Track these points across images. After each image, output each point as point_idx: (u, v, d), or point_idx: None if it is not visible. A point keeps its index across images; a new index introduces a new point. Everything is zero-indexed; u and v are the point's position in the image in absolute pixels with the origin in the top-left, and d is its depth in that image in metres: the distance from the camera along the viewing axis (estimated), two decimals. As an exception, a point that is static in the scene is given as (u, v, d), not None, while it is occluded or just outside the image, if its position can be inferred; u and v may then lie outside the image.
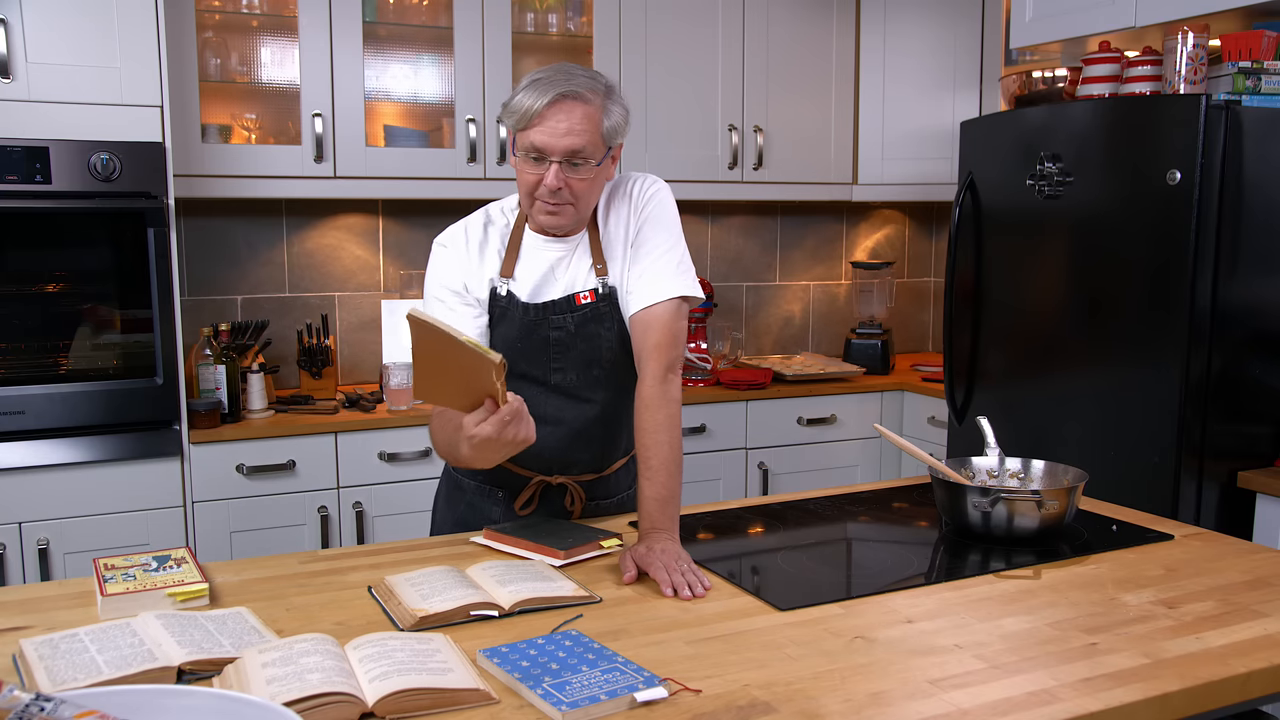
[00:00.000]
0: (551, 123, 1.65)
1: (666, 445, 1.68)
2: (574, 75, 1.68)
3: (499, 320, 1.79)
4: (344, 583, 1.57)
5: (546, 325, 1.78)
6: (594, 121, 1.67)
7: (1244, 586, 1.55)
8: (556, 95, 1.64)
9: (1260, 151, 2.45)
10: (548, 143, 1.65)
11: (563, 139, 1.65)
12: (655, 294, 1.76)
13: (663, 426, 1.70)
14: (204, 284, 3.23)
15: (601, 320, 1.79)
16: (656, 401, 1.71)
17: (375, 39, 3.15)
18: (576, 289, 1.79)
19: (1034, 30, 3.16)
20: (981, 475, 1.94)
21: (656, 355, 1.74)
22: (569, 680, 1.18)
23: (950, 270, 3.07)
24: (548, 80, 1.66)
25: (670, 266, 1.78)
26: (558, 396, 1.82)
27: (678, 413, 1.73)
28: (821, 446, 3.51)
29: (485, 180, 3.19)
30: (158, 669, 1.19)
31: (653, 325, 1.76)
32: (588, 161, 1.68)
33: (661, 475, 1.67)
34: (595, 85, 1.69)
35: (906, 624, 1.40)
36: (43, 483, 2.55)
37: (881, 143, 3.72)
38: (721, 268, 3.94)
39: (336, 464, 2.86)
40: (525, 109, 1.65)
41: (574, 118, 1.65)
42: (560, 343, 1.79)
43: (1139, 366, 2.56)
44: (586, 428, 1.85)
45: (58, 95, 2.50)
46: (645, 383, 1.73)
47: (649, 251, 1.79)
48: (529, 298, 1.79)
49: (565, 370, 1.81)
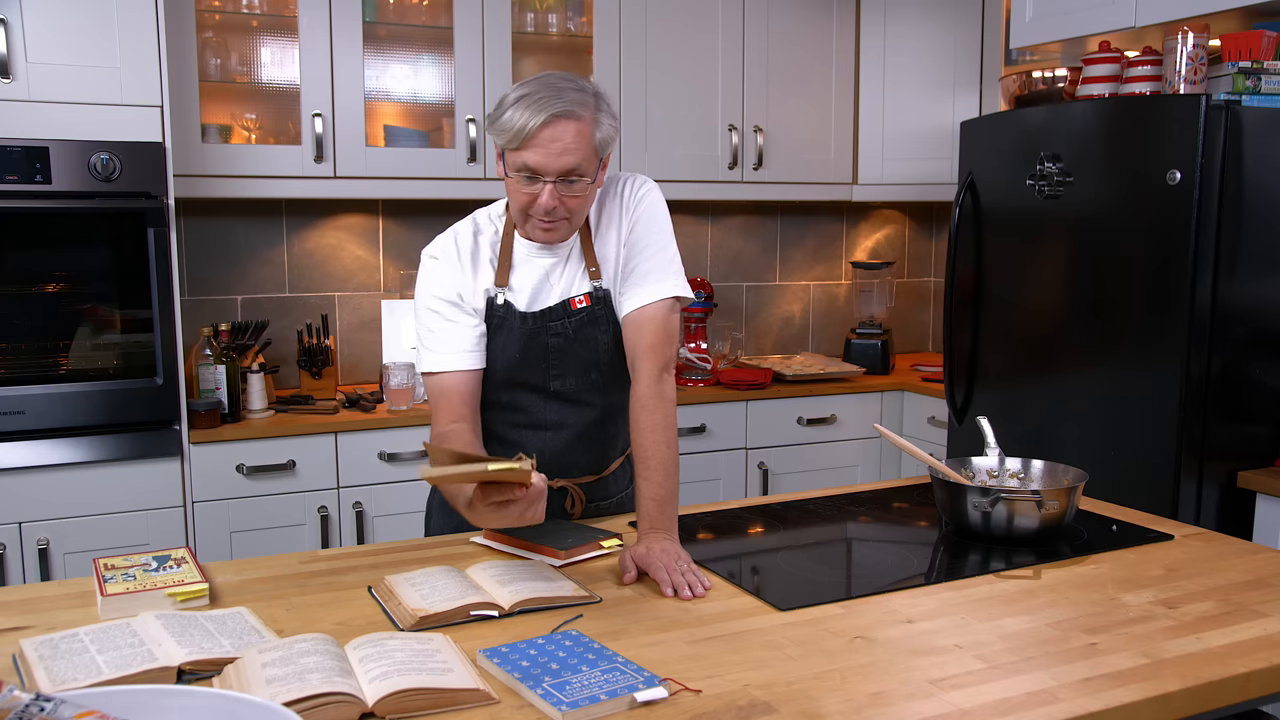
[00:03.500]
0: (545, 143, 1.60)
1: (664, 445, 1.68)
2: (563, 91, 1.62)
3: (497, 330, 1.78)
4: (344, 583, 1.57)
5: (545, 333, 1.78)
6: (586, 137, 1.62)
7: (1244, 586, 1.55)
8: (550, 116, 1.59)
9: (1260, 151, 2.45)
10: (542, 163, 1.61)
11: (558, 159, 1.61)
12: (649, 294, 1.76)
13: (659, 426, 1.70)
14: (204, 284, 3.23)
15: (598, 323, 1.79)
16: (652, 402, 1.71)
17: (375, 39, 3.15)
18: (571, 293, 1.79)
19: (1034, 30, 3.16)
20: (981, 475, 1.94)
21: (651, 355, 1.74)
22: (569, 680, 1.18)
23: (950, 270, 3.07)
24: (537, 98, 1.60)
25: (663, 266, 1.79)
26: (557, 402, 1.82)
27: (673, 412, 1.73)
28: (821, 446, 3.51)
29: (485, 180, 3.19)
30: (158, 669, 1.19)
31: (646, 325, 1.76)
32: (582, 178, 1.65)
33: (659, 475, 1.67)
34: (585, 99, 1.63)
35: (906, 624, 1.40)
36: (43, 483, 2.55)
37: (881, 143, 3.72)
38: (721, 268, 3.94)
39: (336, 464, 2.86)
40: (516, 129, 1.60)
41: (568, 137, 1.61)
42: (559, 349, 1.79)
43: (1139, 366, 2.56)
44: (587, 431, 1.85)
45: (58, 95, 2.50)
46: (641, 383, 1.73)
47: (641, 251, 1.78)
48: (526, 306, 1.78)
49: (564, 376, 1.80)
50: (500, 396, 1.81)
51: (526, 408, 1.82)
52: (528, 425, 1.83)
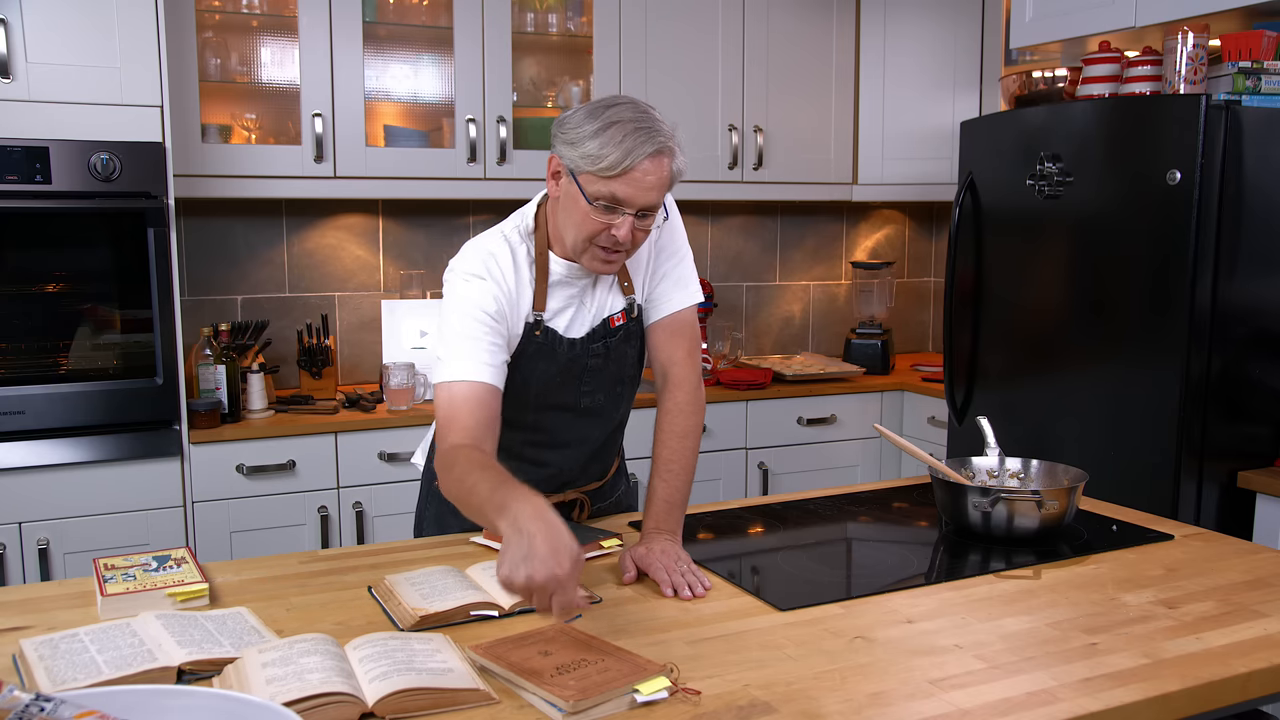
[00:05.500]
0: (641, 177, 1.53)
1: (692, 452, 1.72)
2: (658, 123, 1.55)
3: (537, 355, 1.70)
4: (344, 583, 1.57)
5: (587, 355, 1.74)
6: (669, 172, 1.57)
7: (1244, 586, 1.55)
8: (654, 150, 1.53)
9: (1260, 151, 2.45)
10: (632, 195, 1.54)
11: (647, 194, 1.55)
12: (680, 301, 1.78)
13: (692, 433, 1.73)
14: (204, 284, 3.23)
15: (630, 338, 1.78)
16: (691, 407, 1.74)
17: (375, 39, 3.15)
18: (607, 312, 1.75)
19: (1034, 30, 3.16)
20: (981, 475, 1.94)
21: (690, 362, 1.76)
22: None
23: (950, 270, 3.07)
24: (638, 129, 1.53)
25: (689, 272, 1.80)
26: (584, 418, 1.80)
27: (704, 420, 1.77)
28: (821, 446, 3.51)
29: (485, 180, 3.19)
30: (158, 669, 1.19)
31: (682, 331, 1.77)
32: (655, 213, 1.60)
33: (680, 480, 1.69)
34: (672, 132, 1.57)
35: (906, 624, 1.40)
36: (43, 483, 2.55)
37: (881, 143, 3.72)
38: (721, 268, 3.94)
39: (336, 464, 2.86)
40: (615, 159, 1.51)
41: (661, 173, 1.55)
42: (596, 369, 1.76)
43: (1139, 366, 2.56)
44: (602, 442, 1.85)
45: (58, 95, 2.50)
46: (682, 389, 1.74)
47: (670, 257, 1.78)
48: (567, 330, 1.72)
49: (594, 392, 1.78)
50: (527, 418, 1.76)
51: (552, 428, 1.79)
52: (550, 445, 1.80)
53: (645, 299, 1.79)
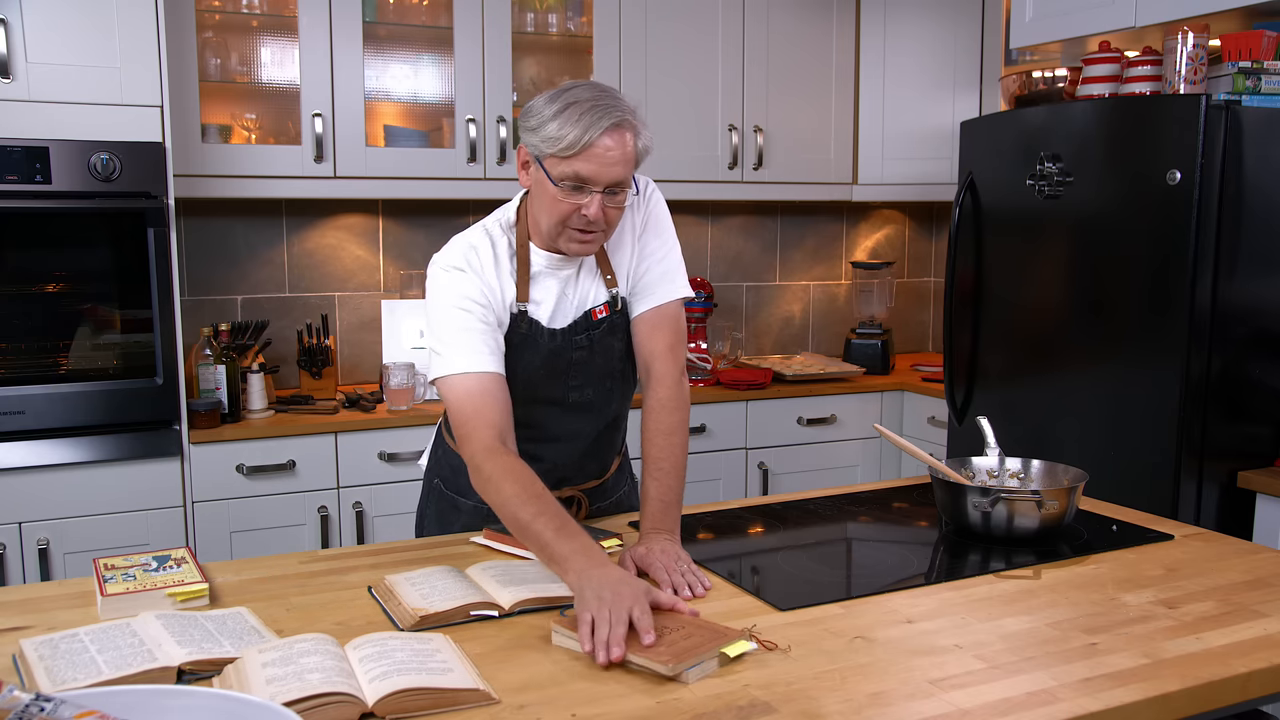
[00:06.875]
0: (601, 153, 1.55)
1: (680, 448, 1.70)
2: (617, 99, 1.58)
3: (521, 346, 1.71)
4: (344, 583, 1.57)
5: (570, 347, 1.74)
6: (633, 147, 1.59)
7: (1244, 586, 1.55)
8: (610, 125, 1.54)
9: (1260, 151, 2.45)
10: (595, 173, 1.56)
11: (611, 169, 1.56)
12: (665, 294, 1.76)
13: (678, 429, 1.70)
14: (204, 284, 3.23)
15: (615, 331, 1.78)
16: (673, 403, 1.72)
17: (375, 39, 3.15)
18: (590, 304, 1.75)
19: (1034, 30, 3.16)
20: (981, 475, 1.94)
21: (672, 356, 1.74)
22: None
23: (950, 270, 3.07)
24: (594, 106, 1.55)
25: (674, 266, 1.79)
26: (574, 413, 1.80)
27: (689, 416, 1.75)
28: (821, 446, 3.51)
29: (485, 180, 3.19)
30: (158, 669, 1.19)
31: (664, 326, 1.76)
32: (625, 189, 1.62)
33: (671, 478, 1.67)
34: (633, 109, 1.59)
35: (906, 624, 1.40)
36: (43, 483, 2.55)
37: (881, 143, 3.72)
38: (721, 268, 3.94)
39: (336, 464, 2.86)
40: (572, 138, 1.54)
41: (624, 148, 1.57)
42: (580, 361, 1.76)
43: (1139, 366, 2.56)
44: (597, 438, 1.85)
45: (58, 95, 2.50)
46: (664, 384, 1.73)
47: (654, 253, 1.78)
48: (550, 321, 1.73)
49: (583, 387, 1.78)
50: (516, 411, 1.73)
51: (542, 423, 1.79)
52: (543, 440, 1.80)
53: (630, 292, 1.78)
